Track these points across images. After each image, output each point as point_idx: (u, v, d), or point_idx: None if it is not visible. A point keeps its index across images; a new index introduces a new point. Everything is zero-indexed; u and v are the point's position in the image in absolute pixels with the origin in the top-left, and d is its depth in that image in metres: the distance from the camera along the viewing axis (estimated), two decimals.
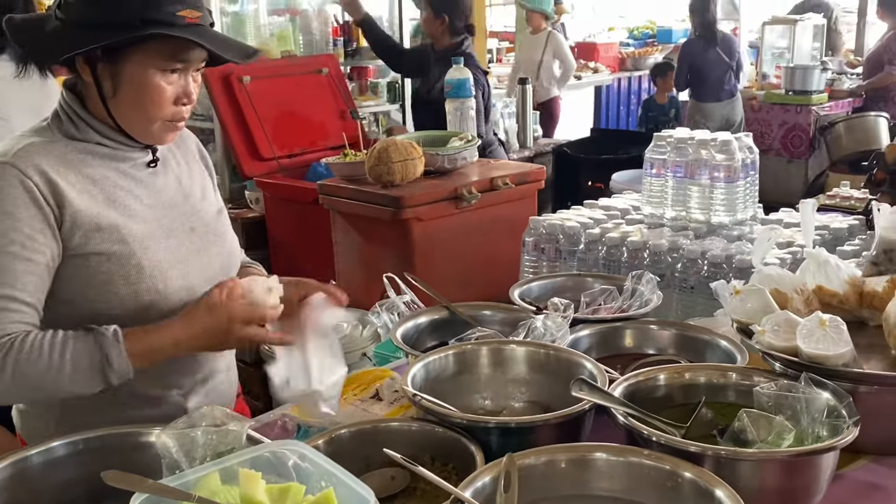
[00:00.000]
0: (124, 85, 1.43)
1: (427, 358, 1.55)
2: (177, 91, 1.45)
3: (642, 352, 1.76)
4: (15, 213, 1.37)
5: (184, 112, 1.49)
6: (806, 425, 1.27)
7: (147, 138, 1.51)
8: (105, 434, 1.24)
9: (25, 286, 1.37)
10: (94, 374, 1.35)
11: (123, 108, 1.45)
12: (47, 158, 1.42)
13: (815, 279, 1.66)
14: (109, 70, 1.43)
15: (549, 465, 1.19)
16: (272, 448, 1.04)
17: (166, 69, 1.42)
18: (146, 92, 1.43)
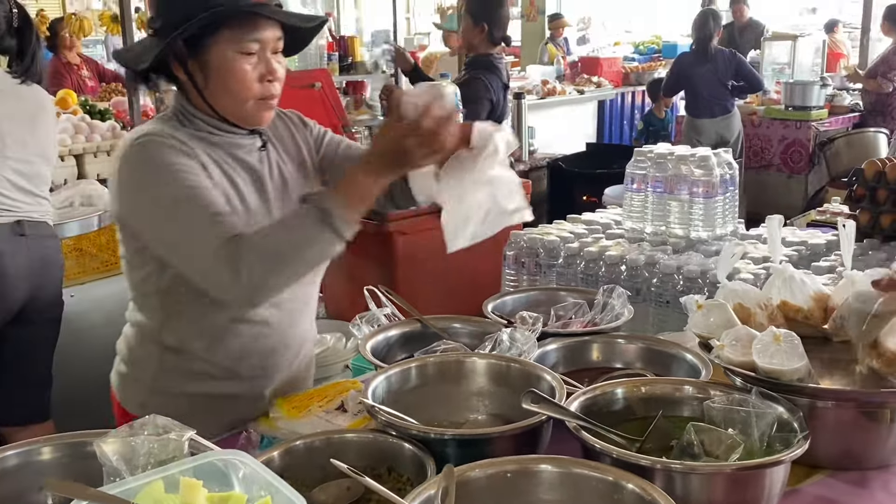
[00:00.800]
0: (212, 74, 1.57)
1: (389, 371, 1.56)
2: (260, 70, 1.58)
3: (610, 366, 1.77)
4: (175, 160, 1.54)
5: (271, 89, 1.61)
6: (756, 439, 1.28)
7: (246, 120, 1.64)
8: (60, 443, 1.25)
9: (221, 205, 1.53)
10: (320, 225, 1.47)
11: (218, 95, 1.59)
12: (176, 134, 1.59)
13: (780, 294, 1.67)
14: (198, 64, 1.58)
15: (492, 478, 1.20)
16: (216, 457, 1.05)
17: (244, 51, 1.55)
18: (232, 75, 1.56)
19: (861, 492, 1.37)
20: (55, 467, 1.22)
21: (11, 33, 2.66)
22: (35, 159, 2.74)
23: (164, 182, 1.53)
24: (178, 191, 1.52)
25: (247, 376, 1.74)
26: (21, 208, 2.69)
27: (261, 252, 1.45)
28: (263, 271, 1.45)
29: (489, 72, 3.87)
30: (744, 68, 6.49)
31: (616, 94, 9.46)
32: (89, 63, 6.74)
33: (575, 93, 8.74)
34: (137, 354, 1.76)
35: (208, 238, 1.47)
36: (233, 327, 1.70)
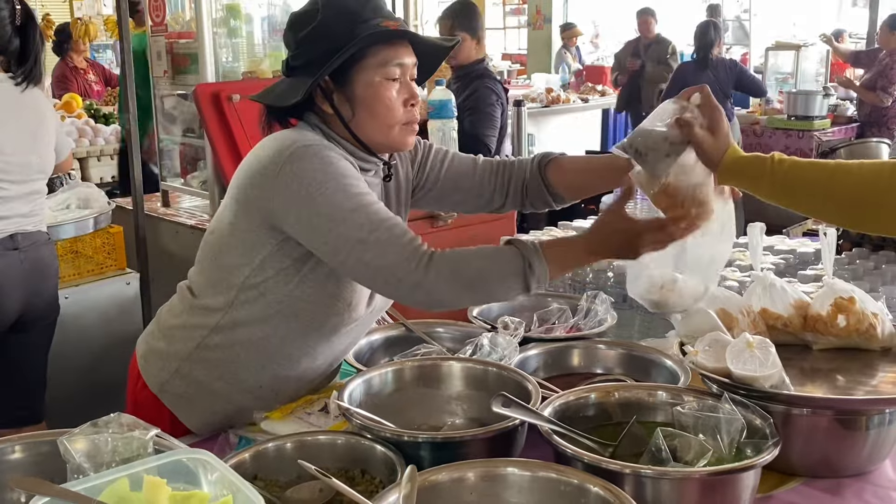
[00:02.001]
0: (359, 103, 1.59)
1: (368, 374, 1.57)
2: (403, 95, 1.60)
3: (590, 371, 1.77)
4: (347, 170, 1.54)
5: (414, 113, 1.63)
6: (726, 444, 1.28)
7: (391, 145, 1.65)
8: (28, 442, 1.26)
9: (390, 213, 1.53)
10: (517, 275, 1.48)
11: (364, 124, 1.60)
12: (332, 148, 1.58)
13: (760, 302, 1.67)
14: (343, 95, 1.59)
15: (458, 481, 1.21)
16: (181, 455, 1.06)
17: (389, 76, 1.57)
18: (379, 101, 1.58)
19: (834, 499, 1.37)
20: (27, 466, 1.23)
21: (15, 32, 2.65)
22: (36, 176, 2.72)
23: (342, 188, 1.51)
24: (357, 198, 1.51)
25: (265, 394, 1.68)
26: (16, 222, 2.66)
27: (451, 269, 1.48)
28: (448, 288, 1.48)
29: (488, 77, 3.89)
30: (745, 77, 6.51)
31: None
32: (95, 67, 6.78)
33: (579, 101, 8.75)
34: (180, 333, 1.69)
35: (399, 242, 1.48)
36: (283, 352, 1.66)
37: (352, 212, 1.49)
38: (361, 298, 1.66)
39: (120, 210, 3.43)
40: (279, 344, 1.65)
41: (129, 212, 3.63)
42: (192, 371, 1.68)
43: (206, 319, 1.66)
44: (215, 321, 1.65)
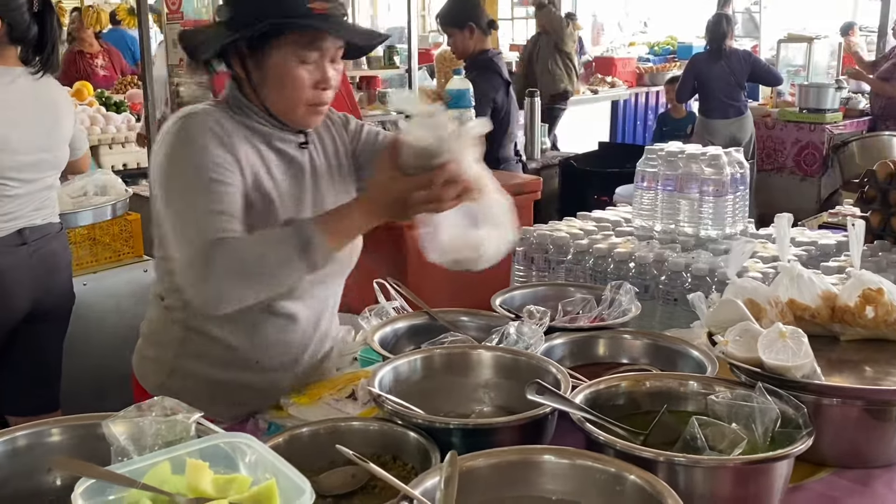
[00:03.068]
0: (269, 75, 1.61)
1: (396, 361, 1.58)
2: (315, 77, 1.60)
3: (616, 361, 1.77)
4: (208, 146, 1.55)
5: (323, 97, 1.64)
6: (759, 434, 1.28)
7: (294, 122, 1.67)
8: (66, 425, 1.26)
9: (229, 204, 1.53)
10: (297, 251, 1.47)
11: (271, 95, 1.63)
12: (222, 118, 1.62)
13: (788, 293, 1.67)
14: (256, 62, 1.61)
15: (496, 467, 1.21)
16: (222, 439, 1.06)
17: (304, 59, 1.58)
18: (287, 80, 1.59)
19: (864, 490, 1.37)
20: (64, 449, 1.24)
21: (33, 20, 2.63)
22: (48, 173, 2.71)
23: (191, 164, 1.56)
24: (197, 176, 1.54)
25: (267, 368, 1.76)
26: (25, 216, 2.65)
27: (234, 263, 1.48)
28: (230, 283, 1.48)
29: (488, 70, 3.84)
30: (759, 67, 6.49)
31: (630, 94, 9.46)
32: (111, 53, 6.75)
33: (588, 92, 8.74)
34: (163, 336, 1.78)
35: (197, 232, 1.50)
36: (260, 317, 1.71)
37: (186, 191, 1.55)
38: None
39: (137, 197, 3.43)
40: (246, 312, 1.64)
41: (146, 199, 3.63)
42: (185, 366, 1.73)
43: (176, 316, 1.73)
44: (184, 316, 1.72)
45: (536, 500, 1.21)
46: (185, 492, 1.01)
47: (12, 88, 2.59)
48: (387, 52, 4.84)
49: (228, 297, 1.50)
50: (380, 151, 1.80)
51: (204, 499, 0.98)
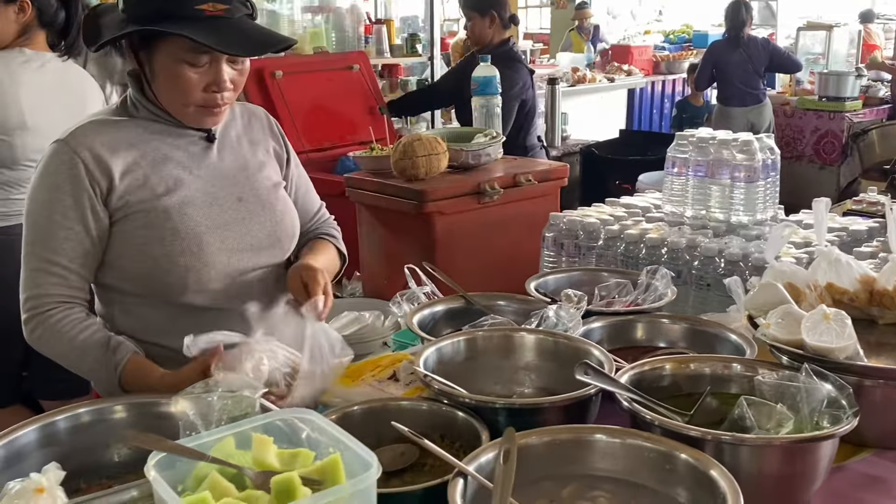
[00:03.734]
0: (159, 72, 1.55)
1: (440, 343, 1.60)
2: (205, 80, 1.54)
3: (653, 345, 1.79)
4: (62, 185, 1.52)
5: (217, 99, 1.58)
6: (806, 415, 1.30)
7: (186, 120, 1.63)
8: (128, 403, 1.30)
9: (67, 252, 1.51)
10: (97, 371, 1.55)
11: (162, 92, 1.59)
12: (101, 136, 1.56)
13: (826, 276, 1.68)
14: (147, 57, 1.56)
15: (549, 445, 1.23)
16: (284, 415, 1.09)
17: (192, 62, 1.52)
18: (176, 80, 1.54)
19: None
20: (124, 426, 1.27)
21: (60, 5, 2.65)
22: None
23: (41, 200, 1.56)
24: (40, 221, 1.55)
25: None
26: None
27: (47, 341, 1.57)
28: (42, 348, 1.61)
29: (513, 60, 3.84)
30: (778, 55, 6.48)
31: (646, 82, 9.42)
32: None
33: (605, 81, 8.72)
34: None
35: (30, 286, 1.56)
36: (181, 314, 1.65)
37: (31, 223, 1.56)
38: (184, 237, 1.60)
39: None
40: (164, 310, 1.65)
41: None
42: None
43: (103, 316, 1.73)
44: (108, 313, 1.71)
45: (587, 478, 1.23)
46: (251, 466, 1.03)
47: (42, 72, 2.64)
48: (409, 41, 4.86)
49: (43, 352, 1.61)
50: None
51: (270, 472, 1.01)
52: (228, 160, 1.71)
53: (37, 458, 1.23)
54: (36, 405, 2.92)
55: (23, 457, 1.23)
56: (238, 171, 1.71)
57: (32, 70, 2.61)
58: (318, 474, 1.00)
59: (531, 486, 1.21)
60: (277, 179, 1.81)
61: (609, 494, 1.21)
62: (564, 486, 1.22)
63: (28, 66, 2.61)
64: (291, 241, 1.79)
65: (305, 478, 0.97)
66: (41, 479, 0.92)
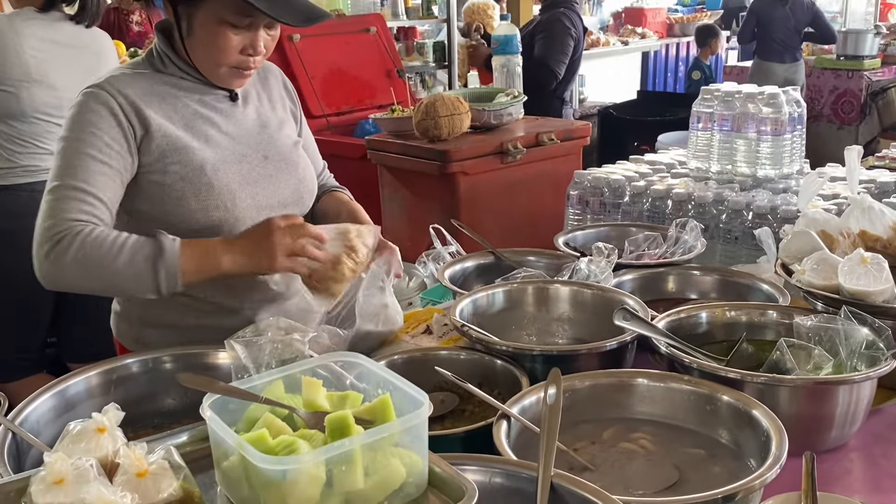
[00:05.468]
0: (197, 28, 1.55)
1: (475, 294, 1.61)
2: (244, 42, 1.56)
3: (685, 296, 1.80)
4: (97, 123, 1.51)
5: (250, 62, 1.59)
6: (844, 357, 1.30)
7: (216, 80, 1.63)
8: (176, 353, 1.32)
9: (97, 183, 1.48)
10: (146, 267, 1.41)
11: (196, 49, 1.58)
12: (133, 87, 1.57)
13: (859, 224, 1.67)
14: (187, 12, 1.56)
15: (592, 389, 1.25)
16: (332, 359, 1.10)
17: (233, 23, 1.53)
18: (214, 39, 1.55)
19: None
20: (172, 376, 1.29)
21: None
22: None
23: (76, 139, 1.51)
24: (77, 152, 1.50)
25: (232, 308, 1.68)
26: None
27: (80, 252, 1.41)
28: (71, 270, 1.42)
29: (569, 9, 3.87)
30: (820, 19, 6.54)
31: (660, 45, 9.34)
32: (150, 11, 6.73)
33: (619, 44, 8.65)
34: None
35: (57, 207, 1.46)
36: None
37: (62, 162, 1.50)
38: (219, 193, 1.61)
39: None
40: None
41: None
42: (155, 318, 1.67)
43: None
44: None
45: (628, 420, 1.25)
46: (303, 406, 1.05)
47: (51, 27, 2.65)
48: (425, 3, 4.82)
49: (64, 280, 1.44)
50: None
51: (321, 412, 1.02)
52: (252, 118, 1.72)
53: (86, 407, 1.25)
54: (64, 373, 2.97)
55: (72, 405, 1.26)
56: (261, 129, 1.72)
57: (38, 24, 2.63)
58: (368, 414, 1.01)
59: (572, 427, 1.23)
60: (296, 137, 1.82)
61: (650, 436, 1.22)
62: (606, 429, 1.24)
63: (34, 21, 2.62)
64: (311, 197, 1.81)
65: (357, 417, 0.99)
66: (102, 419, 0.94)
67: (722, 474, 1.13)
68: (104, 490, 0.82)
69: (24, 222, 2.63)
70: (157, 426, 1.31)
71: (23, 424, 1.17)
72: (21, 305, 2.78)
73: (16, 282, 2.72)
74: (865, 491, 1.22)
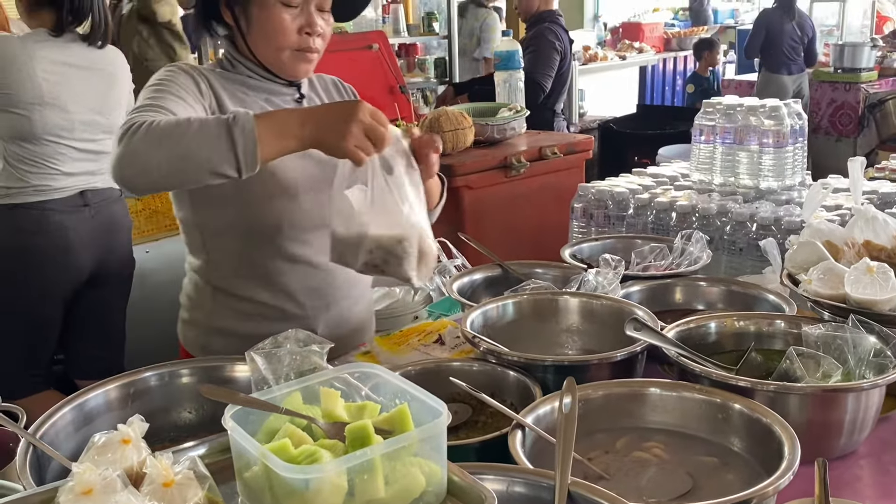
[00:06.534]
0: (254, 20, 1.64)
1: (485, 306, 1.63)
2: (299, 22, 1.62)
3: (692, 307, 1.82)
4: (181, 82, 1.59)
5: (310, 42, 1.65)
6: (853, 365, 1.32)
7: (283, 70, 1.69)
8: (192, 366, 1.33)
9: (175, 109, 1.52)
10: (221, 131, 1.36)
11: (258, 41, 1.66)
12: (212, 75, 1.67)
13: (863, 234, 1.70)
14: (242, 9, 1.65)
15: (605, 399, 1.26)
16: (349, 370, 1.12)
17: (286, 2, 1.60)
18: (271, 23, 1.62)
19: None
20: (190, 389, 1.31)
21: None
22: (102, 136, 2.77)
23: (160, 79, 1.59)
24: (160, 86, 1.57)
25: (294, 315, 1.76)
26: (84, 179, 2.74)
27: (155, 127, 1.38)
28: (142, 141, 1.37)
29: (554, 23, 3.92)
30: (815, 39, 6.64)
31: (658, 59, 9.40)
32: None
33: (617, 59, 8.70)
34: (195, 298, 1.83)
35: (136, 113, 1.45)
36: (274, 265, 1.74)
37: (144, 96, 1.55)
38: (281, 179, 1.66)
39: None
40: (259, 260, 1.72)
41: None
42: (221, 325, 1.77)
43: (199, 273, 1.79)
44: (206, 272, 1.77)
45: (641, 430, 1.26)
46: (322, 417, 1.06)
47: (63, 49, 2.67)
48: (426, 19, 4.86)
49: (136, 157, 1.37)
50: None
51: (341, 423, 1.04)
52: None
53: (104, 420, 1.26)
54: (71, 389, 2.98)
55: (90, 419, 1.27)
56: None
57: (51, 47, 2.64)
58: (386, 424, 1.02)
59: (586, 437, 1.24)
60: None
61: (663, 445, 1.23)
62: (619, 438, 1.25)
63: (46, 44, 2.63)
64: None
65: (376, 427, 1.00)
66: (128, 430, 0.95)
67: (735, 482, 1.15)
68: (133, 499, 0.84)
69: (35, 240, 2.68)
70: (174, 439, 1.32)
71: (42, 438, 1.18)
72: (30, 322, 2.79)
73: (26, 298, 2.75)
74: (875, 497, 1.24)
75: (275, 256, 1.73)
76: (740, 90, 6.97)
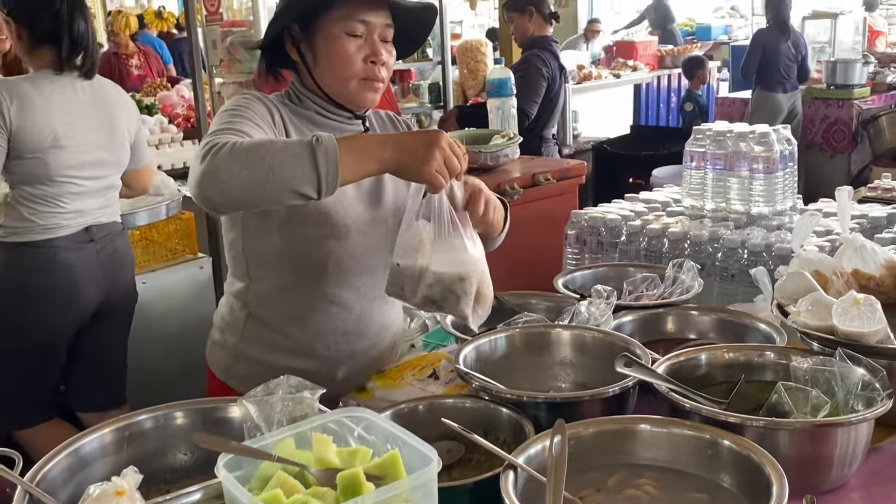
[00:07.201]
0: (320, 53, 1.68)
1: (477, 340, 1.64)
2: (365, 51, 1.67)
3: (684, 336, 1.83)
4: (256, 108, 1.63)
5: (375, 70, 1.68)
6: (841, 398, 1.33)
7: (350, 99, 1.72)
8: (188, 408, 1.34)
9: (252, 134, 1.55)
10: (304, 151, 1.38)
11: (325, 73, 1.69)
12: (283, 107, 1.71)
13: (851, 263, 1.71)
14: (308, 43, 1.69)
15: (596, 436, 1.27)
16: (341, 415, 1.13)
17: (350, 31, 1.65)
18: (336, 53, 1.66)
19: None
20: (184, 432, 1.32)
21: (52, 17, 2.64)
22: (110, 171, 2.80)
23: (234, 106, 1.63)
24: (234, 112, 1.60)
25: (320, 355, 1.80)
26: (90, 214, 2.75)
27: (239, 146, 1.40)
28: (225, 159, 1.38)
29: (544, 50, 3.95)
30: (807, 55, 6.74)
31: (652, 77, 9.45)
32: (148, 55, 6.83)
33: (611, 77, 8.75)
34: (228, 320, 1.85)
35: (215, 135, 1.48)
36: (311, 304, 1.77)
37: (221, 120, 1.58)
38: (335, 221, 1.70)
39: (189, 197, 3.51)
40: (298, 296, 1.75)
41: None
42: (248, 352, 1.79)
43: (237, 297, 1.82)
44: (244, 297, 1.80)
45: (632, 466, 1.27)
46: (313, 464, 1.07)
47: (74, 90, 2.68)
48: None
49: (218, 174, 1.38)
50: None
51: (333, 469, 1.05)
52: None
53: (100, 466, 1.27)
54: (73, 418, 2.99)
55: (86, 464, 1.28)
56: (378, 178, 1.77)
57: (59, 87, 2.66)
58: (378, 470, 1.04)
59: (577, 476, 1.25)
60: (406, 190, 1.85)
61: (654, 482, 1.25)
62: (610, 476, 1.26)
63: (54, 84, 2.65)
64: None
65: (367, 473, 1.01)
66: (122, 483, 0.96)
67: None
68: None
69: (42, 278, 2.70)
70: (170, 482, 1.33)
71: (38, 484, 1.19)
72: (34, 357, 2.80)
73: (30, 334, 2.75)
74: None
75: (314, 295, 1.76)
76: (734, 108, 7.02)
